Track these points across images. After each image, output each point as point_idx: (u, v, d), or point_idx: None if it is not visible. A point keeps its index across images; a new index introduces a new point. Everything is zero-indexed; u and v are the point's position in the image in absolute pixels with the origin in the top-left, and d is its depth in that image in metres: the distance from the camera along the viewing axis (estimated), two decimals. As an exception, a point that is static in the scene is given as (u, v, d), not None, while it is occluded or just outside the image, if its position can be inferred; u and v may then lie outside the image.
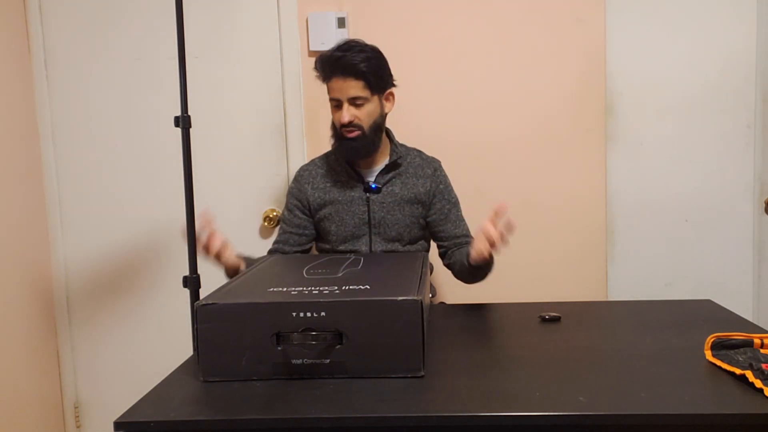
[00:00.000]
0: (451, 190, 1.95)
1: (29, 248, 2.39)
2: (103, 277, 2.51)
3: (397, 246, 1.88)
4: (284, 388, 1.12)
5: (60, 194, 2.48)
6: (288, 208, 1.95)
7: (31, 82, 2.43)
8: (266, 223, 2.44)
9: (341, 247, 1.88)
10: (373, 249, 1.87)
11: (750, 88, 2.36)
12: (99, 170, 2.47)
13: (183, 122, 1.77)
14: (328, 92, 1.80)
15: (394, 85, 1.87)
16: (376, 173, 1.88)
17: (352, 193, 1.87)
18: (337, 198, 1.88)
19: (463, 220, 1.95)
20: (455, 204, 1.94)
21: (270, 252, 1.95)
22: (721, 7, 2.34)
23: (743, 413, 0.97)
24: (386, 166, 1.87)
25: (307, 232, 1.93)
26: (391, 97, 1.87)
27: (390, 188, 1.87)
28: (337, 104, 1.79)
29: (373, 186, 1.85)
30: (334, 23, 2.35)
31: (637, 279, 2.43)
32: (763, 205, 2.39)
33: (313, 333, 1.14)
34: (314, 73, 1.82)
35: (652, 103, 2.38)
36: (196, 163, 2.44)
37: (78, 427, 2.57)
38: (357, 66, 1.73)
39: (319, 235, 1.95)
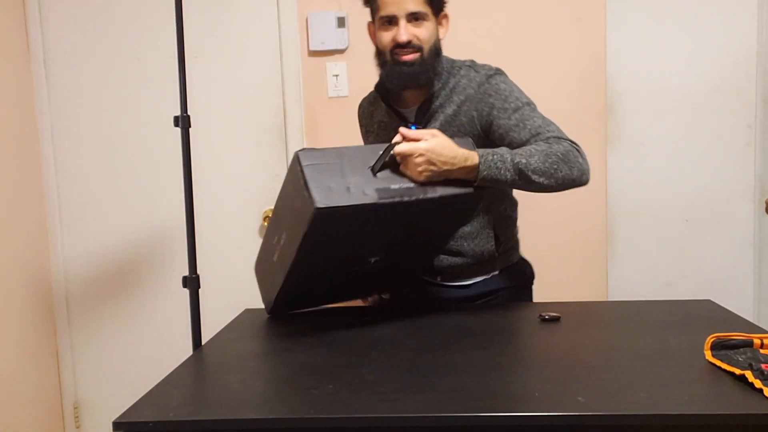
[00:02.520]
0: (509, 96, 1.52)
1: (29, 248, 2.39)
2: (103, 278, 2.51)
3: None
4: (284, 388, 1.12)
5: (60, 194, 2.48)
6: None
7: (31, 82, 2.43)
8: (266, 223, 2.43)
9: None
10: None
11: (750, 88, 2.36)
12: (99, 170, 2.47)
13: (183, 122, 1.78)
14: (377, 9, 1.55)
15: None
16: (415, 112, 1.59)
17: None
18: (382, 142, 1.58)
19: (532, 118, 1.49)
20: (517, 109, 1.50)
21: None
22: (721, 7, 2.34)
23: (743, 413, 0.97)
24: (423, 101, 1.57)
25: None
26: (445, 21, 1.59)
27: (433, 125, 1.55)
28: (388, 22, 1.52)
29: (413, 127, 1.50)
30: (334, 23, 2.35)
31: (637, 279, 2.43)
32: (764, 205, 2.39)
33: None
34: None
35: (652, 103, 2.38)
36: (195, 163, 2.44)
37: (78, 427, 2.57)
38: None
39: None
